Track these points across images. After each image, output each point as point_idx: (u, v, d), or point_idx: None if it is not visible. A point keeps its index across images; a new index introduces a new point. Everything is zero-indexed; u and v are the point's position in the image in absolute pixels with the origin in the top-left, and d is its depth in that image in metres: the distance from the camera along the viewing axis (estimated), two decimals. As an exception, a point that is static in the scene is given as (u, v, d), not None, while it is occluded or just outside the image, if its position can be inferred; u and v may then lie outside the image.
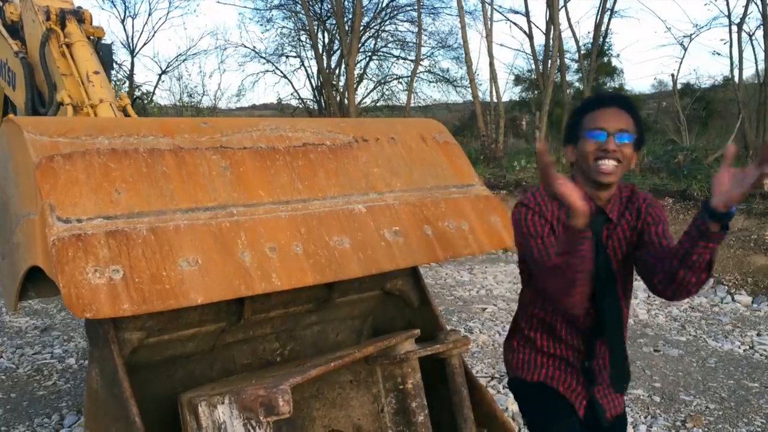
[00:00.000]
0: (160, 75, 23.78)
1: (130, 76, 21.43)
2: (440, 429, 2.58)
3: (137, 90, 21.04)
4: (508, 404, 3.46)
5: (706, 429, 3.18)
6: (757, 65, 17.25)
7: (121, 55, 22.32)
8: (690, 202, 7.05)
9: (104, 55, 4.31)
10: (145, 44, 35.98)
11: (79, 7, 4.24)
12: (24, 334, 4.89)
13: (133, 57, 21.89)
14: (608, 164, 1.79)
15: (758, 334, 4.77)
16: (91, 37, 4.13)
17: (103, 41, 4.48)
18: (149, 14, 30.01)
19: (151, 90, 22.94)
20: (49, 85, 3.93)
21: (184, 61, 28.34)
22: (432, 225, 2.56)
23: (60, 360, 4.27)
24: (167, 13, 30.19)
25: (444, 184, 2.73)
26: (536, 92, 18.43)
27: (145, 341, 2.21)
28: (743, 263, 6.25)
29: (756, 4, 13.85)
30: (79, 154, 1.90)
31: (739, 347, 4.45)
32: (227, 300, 2.33)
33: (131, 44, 22.13)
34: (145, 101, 20.55)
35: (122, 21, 25.55)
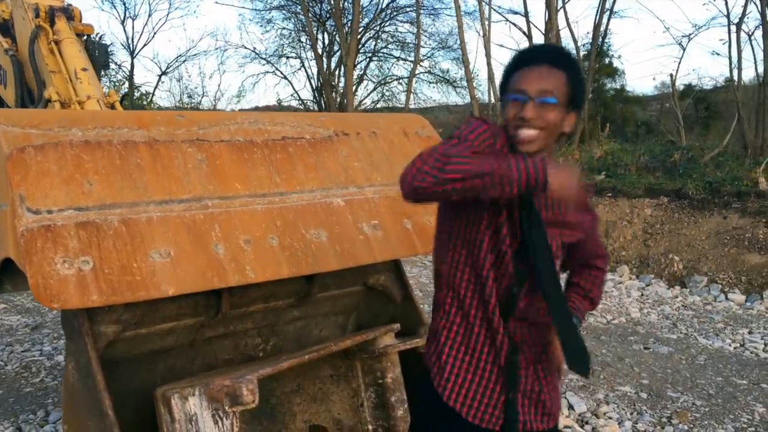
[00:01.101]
0: (160, 76, 23.81)
1: (130, 77, 21.44)
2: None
3: (137, 91, 21.06)
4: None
5: (691, 425, 3.16)
6: (756, 65, 17.22)
7: (121, 55, 22.37)
8: (685, 201, 7.05)
9: (101, 55, 4.31)
10: (145, 45, 35.97)
11: (69, 5, 4.24)
12: (14, 332, 4.89)
13: (133, 58, 21.90)
14: (526, 133, 1.60)
15: (750, 332, 4.76)
16: (81, 35, 4.14)
17: (102, 42, 4.48)
18: (149, 15, 30.05)
19: (151, 91, 22.96)
20: (38, 82, 3.94)
21: (184, 62, 28.33)
22: (412, 219, 2.56)
23: (49, 357, 4.28)
24: (167, 14, 30.15)
25: (425, 179, 2.72)
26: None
27: (122, 335, 2.20)
28: (737, 262, 6.24)
29: (755, 3, 13.82)
30: (51, 146, 1.90)
31: (730, 345, 4.44)
32: (204, 294, 2.34)
33: (131, 45, 22.16)
34: (145, 102, 20.56)
35: (122, 22, 25.53)
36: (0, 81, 4.54)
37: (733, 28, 14.64)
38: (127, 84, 20.81)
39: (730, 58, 14.59)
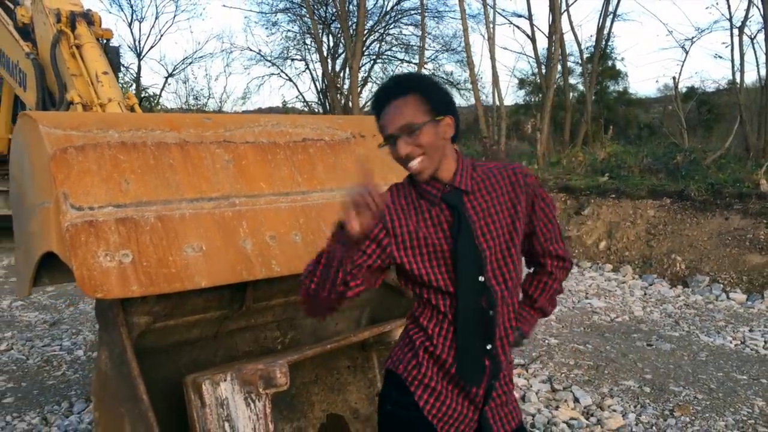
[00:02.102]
0: (166, 78, 23.97)
1: (137, 79, 21.62)
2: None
3: (144, 92, 21.22)
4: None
5: (693, 418, 3.27)
6: (758, 68, 17.33)
7: (128, 58, 22.51)
8: (688, 202, 7.16)
9: (112, 57, 4.43)
10: (151, 47, 36.27)
11: (89, 10, 4.37)
12: (33, 328, 5.02)
13: (140, 60, 22.11)
14: (414, 165, 1.64)
15: (750, 330, 4.86)
16: (100, 39, 4.26)
17: (111, 44, 4.60)
18: (156, 18, 30.16)
19: (158, 93, 23.12)
20: (60, 85, 4.06)
21: (190, 64, 28.49)
22: (426, 217, 2.68)
23: (69, 352, 4.40)
24: (174, 17, 30.44)
25: (438, 179, 2.84)
26: (540, 95, 18.50)
27: (153, 326, 2.32)
28: (738, 262, 6.34)
29: (757, 7, 13.92)
30: (90, 147, 2.03)
31: (731, 342, 4.55)
32: (230, 287, 2.46)
33: (138, 47, 22.35)
34: (152, 104, 20.72)
35: (129, 24, 25.78)
36: (20, 84, 4.68)
37: (736, 31, 14.76)
38: (134, 86, 20.99)
39: (732, 61, 14.71)
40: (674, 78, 14.70)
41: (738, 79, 14.85)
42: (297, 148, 2.56)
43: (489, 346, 1.68)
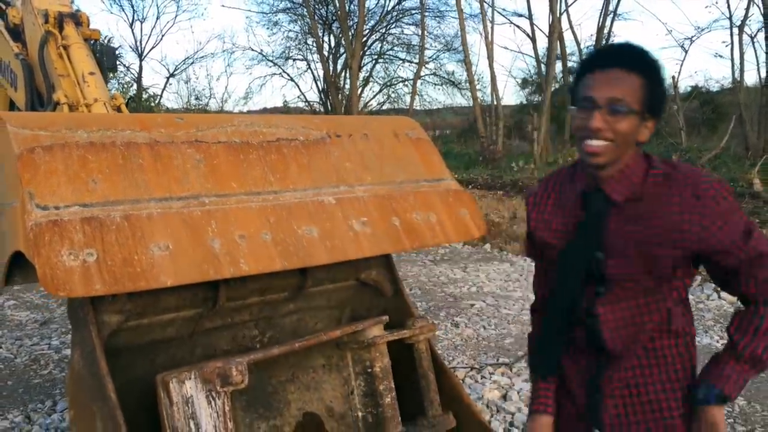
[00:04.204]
0: (167, 78, 24.12)
1: (138, 79, 21.71)
2: (409, 412, 2.71)
3: (145, 93, 21.31)
4: (484, 393, 3.58)
5: (675, 417, 3.27)
6: (758, 67, 17.32)
7: (129, 58, 22.66)
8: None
9: (108, 58, 4.47)
10: (153, 48, 36.42)
11: (77, 10, 4.40)
12: (24, 327, 5.05)
13: (141, 60, 22.21)
14: (593, 144, 1.44)
15: (737, 329, 4.85)
16: (88, 40, 4.29)
17: (110, 45, 4.63)
18: (157, 18, 30.42)
19: (159, 93, 23.21)
20: (48, 85, 4.09)
21: (191, 64, 28.70)
22: (400, 216, 2.69)
23: (57, 351, 4.43)
24: (175, 17, 30.53)
25: (414, 178, 2.85)
26: (542, 95, 18.48)
27: (125, 324, 2.34)
28: (730, 261, 6.30)
29: (757, 6, 13.90)
30: (58, 147, 2.04)
31: (718, 341, 4.54)
32: (203, 286, 2.48)
33: (139, 48, 22.43)
34: (153, 104, 20.80)
35: (131, 25, 25.91)
36: (11, 84, 4.71)
37: (736, 30, 14.73)
38: (135, 86, 21.10)
39: (732, 60, 14.70)
40: (673, 77, 14.79)
41: (738, 78, 14.85)
42: (270, 148, 2.57)
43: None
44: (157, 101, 21.48)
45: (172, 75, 24.01)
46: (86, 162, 2.07)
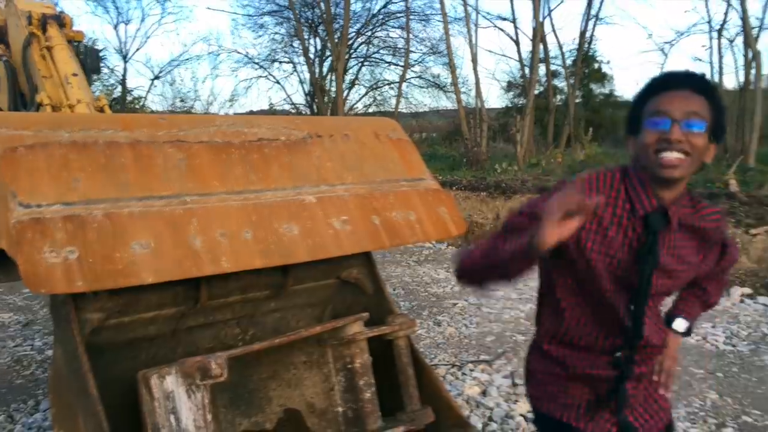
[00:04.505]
0: (152, 80, 23.98)
1: (123, 81, 21.59)
2: (390, 407, 2.75)
3: (129, 95, 21.22)
4: (464, 389, 3.63)
5: (649, 412, 3.34)
6: (737, 71, 17.58)
7: (114, 60, 22.53)
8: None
9: (92, 60, 4.48)
10: (138, 50, 36.15)
11: (61, 12, 4.41)
12: (6, 328, 5.05)
13: (125, 62, 22.08)
14: (671, 156, 1.46)
15: (713, 326, 4.96)
16: (72, 41, 4.30)
17: (94, 47, 4.65)
18: (142, 20, 30.13)
19: (144, 95, 23.11)
20: (31, 87, 4.10)
21: (176, 66, 28.58)
22: (380, 215, 2.73)
23: (39, 351, 4.43)
24: (160, 19, 30.36)
25: (394, 178, 2.90)
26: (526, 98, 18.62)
27: (106, 322, 2.36)
28: (708, 260, 6.42)
29: (736, 10, 14.12)
30: (40, 146, 2.07)
31: (692, 338, 4.64)
32: (184, 284, 2.51)
33: (124, 49, 22.30)
34: (137, 106, 20.71)
35: (115, 27, 25.70)
36: (-6, 86, 4.71)
37: (715, 34, 14.96)
38: (120, 88, 21.00)
39: (711, 64, 14.95)
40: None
41: (717, 82, 15.08)
42: (252, 148, 2.60)
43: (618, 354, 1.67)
44: (141, 103, 21.42)
45: (157, 77, 23.86)
46: (68, 161, 2.09)
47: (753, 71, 14.63)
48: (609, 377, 1.69)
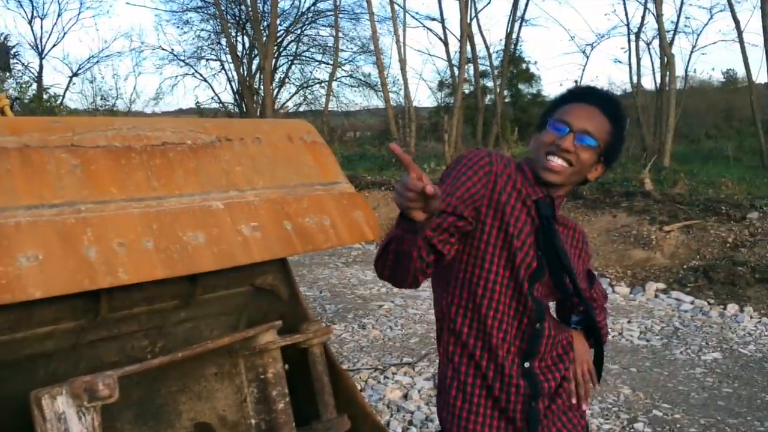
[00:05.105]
0: (71, 77, 23.00)
1: (39, 78, 20.62)
2: (306, 415, 2.70)
3: (45, 93, 20.27)
4: (386, 393, 3.62)
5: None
6: (654, 72, 18.41)
7: (28, 56, 21.49)
8: (580, 201, 7.52)
9: (1, 56, 4.23)
10: (54, 45, 34.62)
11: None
12: None
13: (41, 59, 21.10)
14: (556, 162, 1.58)
15: (629, 322, 5.14)
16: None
17: (5, 43, 4.40)
18: (59, 15, 28.75)
19: (61, 93, 22.13)
20: None
21: (96, 63, 27.49)
22: (292, 220, 2.67)
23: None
24: (78, 14, 29.16)
25: (308, 182, 2.84)
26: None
27: (-4, 340, 2.21)
28: (624, 257, 6.69)
29: (653, 14, 14.72)
30: None
31: (609, 334, 4.79)
32: (82, 296, 2.37)
33: (40, 46, 21.31)
34: (54, 104, 19.81)
35: (30, 22, 24.48)
36: None
37: (633, 37, 15.56)
38: (35, 86, 20.03)
39: (630, 65, 15.60)
40: (576, 82, 15.43)
41: (636, 83, 15.71)
42: (155, 153, 2.49)
43: (527, 364, 1.65)
44: (59, 101, 20.47)
45: (75, 74, 22.94)
46: (-55, 168, 1.94)
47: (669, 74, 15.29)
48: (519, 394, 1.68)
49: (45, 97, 19.36)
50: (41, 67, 21.09)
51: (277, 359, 2.64)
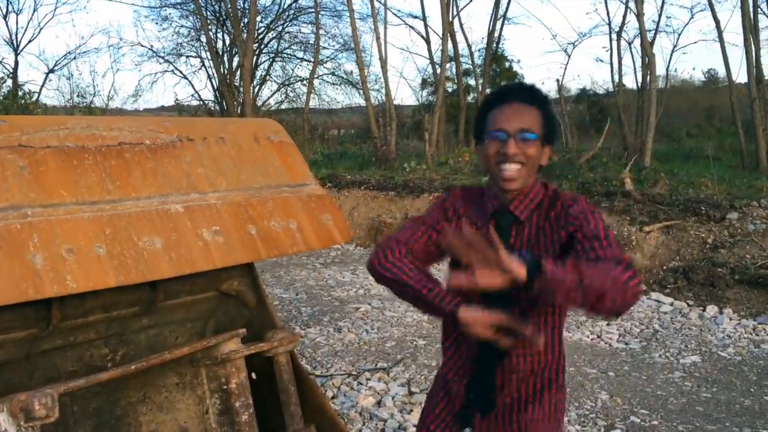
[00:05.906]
0: (47, 74, 22.56)
1: (14, 75, 20.25)
2: (274, 427, 2.61)
3: (20, 89, 19.91)
4: (359, 400, 3.52)
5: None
6: (635, 71, 18.49)
7: (3, 52, 21.13)
8: (560, 201, 7.44)
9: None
10: (30, 41, 34.04)
11: None
12: None
13: (17, 54, 20.71)
14: (510, 168, 1.66)
15: (608, 324, 5.09)
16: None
17: None
18: (35, 10, 28.16)
19: (37, 89, 21.75)
20: None
21: (73, 59, 27.03)
22: (257, 224, 2.56)
23: None
24: (54, 9, 28.67)
25: (275, 184, 2.74)
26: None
27: (-60, 351, 2.09)
28: (603, 258, 6.61)
29: (634, 13, 14.74)
30: None
31: (588, 337, 4.73)
32: (33, 305, 2.25)
33: (15, 41, 20.93)
34: (30, 100, 19.46)
35: (4, 17, 23.99)
36: None
37: (615, 36, 15.60)
38: (9, 82, 19.66)
39: (611, 64, 15.64)
40: (558, 80, 15.41)
41: (617, 82, 15.74)
42: (110, 153, 2.37)
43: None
44: (34, 98, 20.11)
45: (51, 71, 22.46)
46: None
47: (650, 73, 15.34)
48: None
49: (20, 93, 19.01)
50: (17, 63, 20.72)
51: (240, 369, 2.54)
